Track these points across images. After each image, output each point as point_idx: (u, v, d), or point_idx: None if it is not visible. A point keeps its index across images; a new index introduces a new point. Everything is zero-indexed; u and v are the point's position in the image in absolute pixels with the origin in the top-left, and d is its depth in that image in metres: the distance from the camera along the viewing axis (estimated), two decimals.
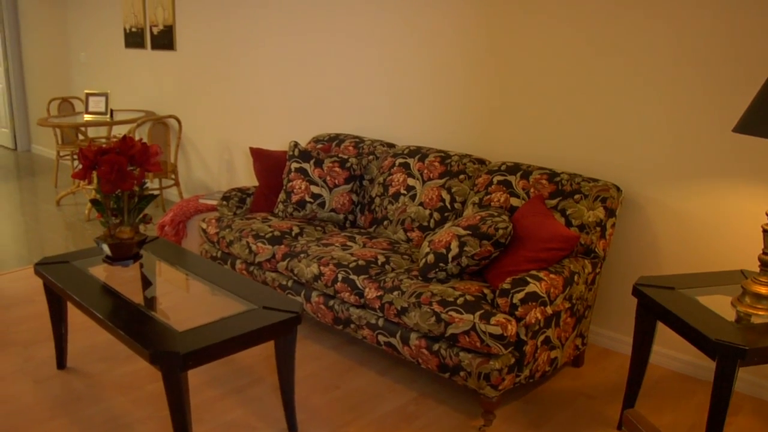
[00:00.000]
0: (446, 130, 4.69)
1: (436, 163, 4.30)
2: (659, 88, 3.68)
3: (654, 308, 2.97)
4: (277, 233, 4.31)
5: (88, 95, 7.22)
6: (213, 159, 6.85)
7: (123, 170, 3.35)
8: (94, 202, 3.53)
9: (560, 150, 4.13)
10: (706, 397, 3.62)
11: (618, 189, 3.70)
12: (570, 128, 4.06)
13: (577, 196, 3.70)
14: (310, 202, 4.54)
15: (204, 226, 4.70)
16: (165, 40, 7.14)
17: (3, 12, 9.96)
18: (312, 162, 4.60)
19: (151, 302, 3.28)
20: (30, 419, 3.36)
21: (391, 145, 4.77)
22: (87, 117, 7.09)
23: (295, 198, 4.56)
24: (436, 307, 3.28)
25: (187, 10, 6.77)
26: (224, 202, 4.86)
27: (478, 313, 3.16)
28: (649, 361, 3.60)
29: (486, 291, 3.37)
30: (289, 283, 4.11)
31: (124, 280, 3.55)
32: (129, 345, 2.88)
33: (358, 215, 4.65)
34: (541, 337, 3.31)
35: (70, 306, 4.45)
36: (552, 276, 3.31)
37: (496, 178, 4.01)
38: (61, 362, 3.82)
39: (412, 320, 3.38)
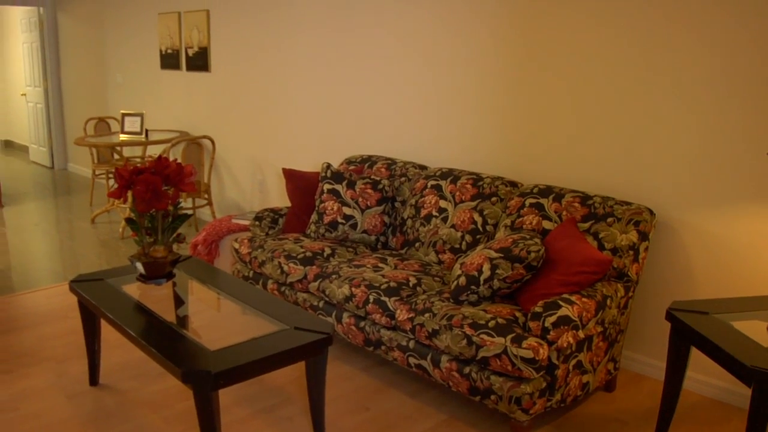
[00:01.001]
0: (478, 152, 4.69)
1: (468, 186, 4.30)
2: (694, 111, 3.65)
3: (688, 333, 2.93)
4: (309, 254, 4.32)
5: (124, 115, 7.33)
6: (245, 179, 6.91)
7: (158, 190, 3.39)
8: (129, 220, 3.57)
9: (593, 172, 4.10)
10: (741, 424, 3.55)
11: (651, 212, 3.66)
12: (603, 151, 4.04)
13: (609, 220, 3.67)
14: (342, 223, 4.56)
15: (236, 246, 4.73)
16: (200, 61, 7.23)
17: (44, 33, 10.18)
18: (344, 183, 4.62)
19: (183, 321, 3.31)
20: None
21: (423, 167, 4.78)
22: (122, 137, 7.20)
23: (327, 219, 4.58)
24: (468, 330, 3.27)
25: (222, 32, 6.87)
26: (257, 223, 4.89)
27: (509, 337, 3.14)
28: (683, 387, 3.55)
29: (518, 314, 3.35)
30: (321, 304, 4.12)
31: (157, 298, 3.58)
32: (161, 363, 2.90)
33: (389, 237, 4.66)
34: (573, 361, 3.27)
35: (103, 323, 4.49)
36: (584, 300, 3.28)
37: (529, 201, 3.99)
38: (93, 379, 3.86)
39: (443, 343, 3.36)
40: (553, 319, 3.13)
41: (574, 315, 3.18)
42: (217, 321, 3.37)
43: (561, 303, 3.20)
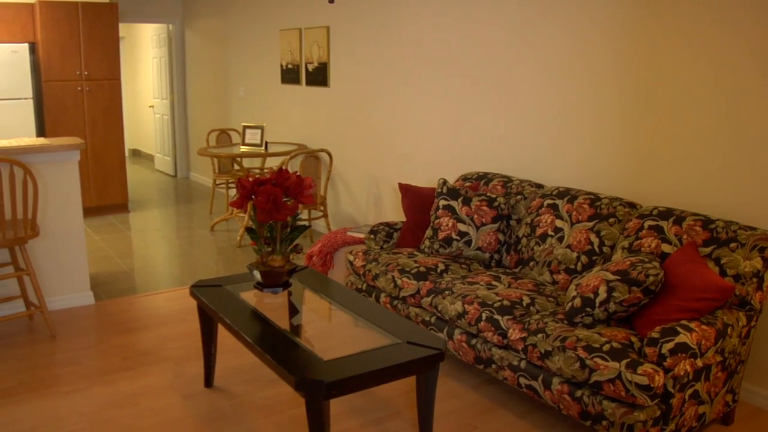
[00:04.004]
0: (596, 172, 4.58)
1: (586, 206, 4.20)
2: None
3: None
4: (422, 269, 4.32)
5: (245, 127, 7.55)
6: (361, 193, 6.99)
7: (278, 201, 3.47)
8: (249, 230, 3.67)
9: (716, 195, 3.93)
10: None
11: None
12: (726, 173, 3.87)
13: (733, 245, 3.51)
14: (456, 240, 4.54)
15: (351, 258, 4.79)
16: (319, 76, 7.38)
17: (173, 49, 10.65)
18: (460, 200, 4.61)
19: (297, 329, 3.36)
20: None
21: (539, 186, 4.71)
22: (243, 148, 7.42)
23: (441, 235, 4.57)
24: (581, 353, 3.19)
25: (341, 48, 6.99)
26: (372, 236, 4.94)
27: (624, 362, 3.06)
28: None
29: (633, 339, 3.25)
30: (432, 320, 4.11)
31: (273, 306, 3.66)
32: (275, 370, 2.96)
33: (504, 255, 4.60)
34: (690, 391, 3.15)
35: (219, 327, 4.62)
36: (704, 327, 3.16)
37: (648, 223, 3.87)
38: (208, 381, 3.97)
39: (555, 364, 3.30)
40: (670, 345, 3.03)
41: (693, 342, 3.07)
42: (330, 331, 3.41)
43: (679, 329, 3.09)
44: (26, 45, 7.94)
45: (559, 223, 4.26)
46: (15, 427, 3.56)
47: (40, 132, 8.30)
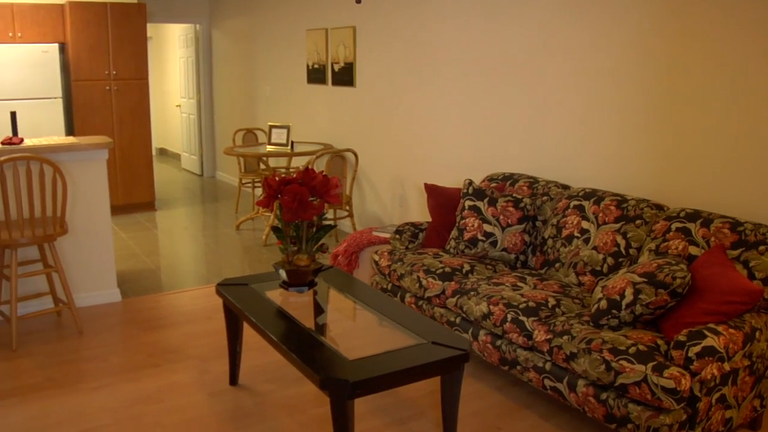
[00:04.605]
0: (623, 173, 4.54)
1: (612, 207, 4.17)
2: None
3: None
4: (447, 269, 4.32)
5: (271, 127, 7.58)
6: (386, 193, 6.99)
7: (304, 200, 3.48)
8: (275, 229, 3.68)
9: (744, 197, 3.88)
10: None
11: None
12: (755, 175, 3.82)
13: (761, 248, 3.47)
14: (482, 240, 4.53)
15: (376, 258, 4.79)
16: (345, 76, 7.39)
17: (199, 49, 10.72)
18: (486, 200, 4.59)
19: (322, 329, 3.37)
20: (201, 429, 3.53)
21: (565, 187, 4.68)
22: (269, 148, 7.45)
23: (467, 235, 4.56)
24: (607, 355, 3.17)
25: (367, 48, 7.00)
26: (397, 236, 4.94)
27: (650, 365, 3.04)
28: None
29: (660, 342, 3.22)
30: (457, 320, 4.10)
31: (298, 305, 3.67)
32: (300, 368, 2.97)
33: (529, 256, 4.58)
34: (716, 395, 3.12)
35: (245, 326, 4.64)
36: (731, 331, 3.13)
37: (675, 225, 3.83)
38: (233, 378, 3.99)
39: (580, 366, 3.28)
40: (697, 349, 3.01)
41: (720, 346, 3.04)
42: (355, 330, 3.41)
43: (706, 333, 3.07)
44: (56, 45, 8.04)
45: (585, 224, 4.23)
46: (43, 421, 3.60)
47: (69, 131, 8.40)
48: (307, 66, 8.12)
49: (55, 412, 3.69)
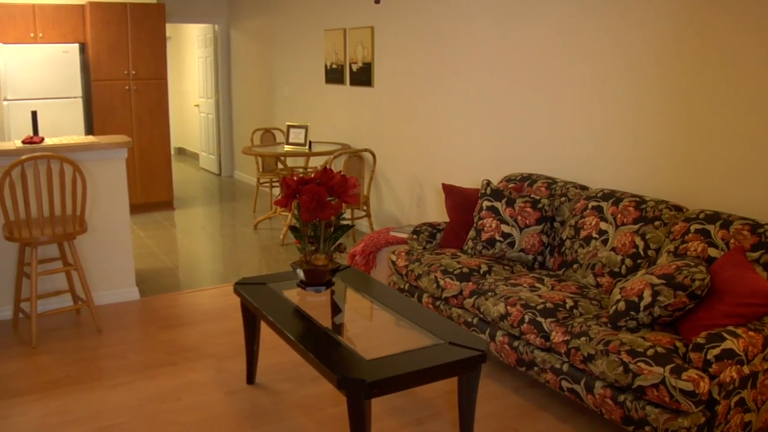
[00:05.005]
0: (642, 174, 4.51)
1: (631, 208, 4.14)
2: None
3: None
4: (465, 270, 4.31)
5: (289, 127, 7.59)
6: (404, 193, 6.98)
7: (322, 200, 3.48)
8: (292, 228, 3.69)
9: (764, 199, 3.84)
10: None
11: None
12: None
13: None
14: (499, 241, 4.51)
15: (394, 258, 4.79)
16: (363, 76, 7.40)
17: (218, 49, 10.76)
18: (504, 201, 4.58)
19: (339, 328, 3.37)
20: (218, 427, 3.54)
21: (584, 188, 4.66)
22: (287, 147, 7.46)
23: (485, 236, 4.55)
24: (625, 357, 3.16)
25: (386, 48, 7.00)
26: (414, 236, 4.94)
27: (668, 367, 3.02)
28: None
29: (678, 344, 3.20)
30: (475, 321, 4.09)
31: (315, 305, 3.67)
32: (317, 368, 2.97)
33: (547, 257, 4.56)
34: (735, 398, 3.09)
35: (262, 325, 4.66)
36: (751, 333, 3.10)
37: (694, 227, 3.80)
38: (250, 377, 4.00)
39: (598, 368, 3.26)
40: (716, 351, 2.99)
41: (740, 349, 3.01)
42: (372, 330, 3.41)
43: (725, 335, 3.05)
44: (76, 45, 8.10)
45: (603, 225, 4.21)
46: (61, 418, 3.63)
47: (89, 130, 8.46)
48: (325, 66, 8.13)
49: (73, 409, 3.72)
